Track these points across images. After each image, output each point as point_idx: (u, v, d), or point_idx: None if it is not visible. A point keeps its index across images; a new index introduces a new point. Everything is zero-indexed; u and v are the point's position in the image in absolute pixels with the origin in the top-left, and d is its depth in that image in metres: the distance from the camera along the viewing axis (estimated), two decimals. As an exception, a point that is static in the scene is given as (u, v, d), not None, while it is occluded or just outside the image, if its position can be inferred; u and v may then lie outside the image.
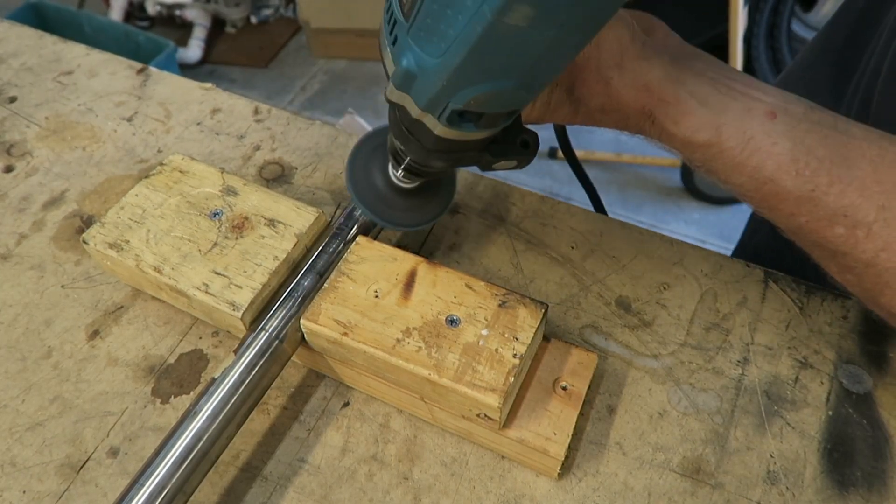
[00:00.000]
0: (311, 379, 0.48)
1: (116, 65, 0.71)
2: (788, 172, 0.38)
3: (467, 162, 0.40)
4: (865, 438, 0.45)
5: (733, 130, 0.38)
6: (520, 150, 0.39)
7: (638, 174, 2.03)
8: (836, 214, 0.38)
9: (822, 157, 0.37)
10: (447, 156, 0.39)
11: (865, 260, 0.38)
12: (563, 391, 0.43)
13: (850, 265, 0.39)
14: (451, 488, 0.43)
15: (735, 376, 0.47)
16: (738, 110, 0.39)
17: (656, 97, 0.39)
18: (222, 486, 0.43)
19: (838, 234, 0.38)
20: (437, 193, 0.49)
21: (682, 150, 0.41)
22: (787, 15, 2.08)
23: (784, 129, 0.38)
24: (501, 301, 0.43)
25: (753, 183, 0.39)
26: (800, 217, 0.39)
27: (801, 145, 0.38)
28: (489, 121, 0.34)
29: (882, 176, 0.37)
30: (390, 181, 0.47)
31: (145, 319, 0.51)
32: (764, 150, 0.38)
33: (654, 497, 0.42)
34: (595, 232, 0.56)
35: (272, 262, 0.46)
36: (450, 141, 0.36)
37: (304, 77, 2.40)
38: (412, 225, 0.48)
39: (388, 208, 0.47)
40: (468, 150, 0.38)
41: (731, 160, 0.39)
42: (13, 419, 0.46)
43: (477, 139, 0.36)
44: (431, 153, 0.39)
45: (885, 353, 0.48)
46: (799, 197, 0.38)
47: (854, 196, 0.37)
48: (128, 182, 0.60)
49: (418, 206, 0.48)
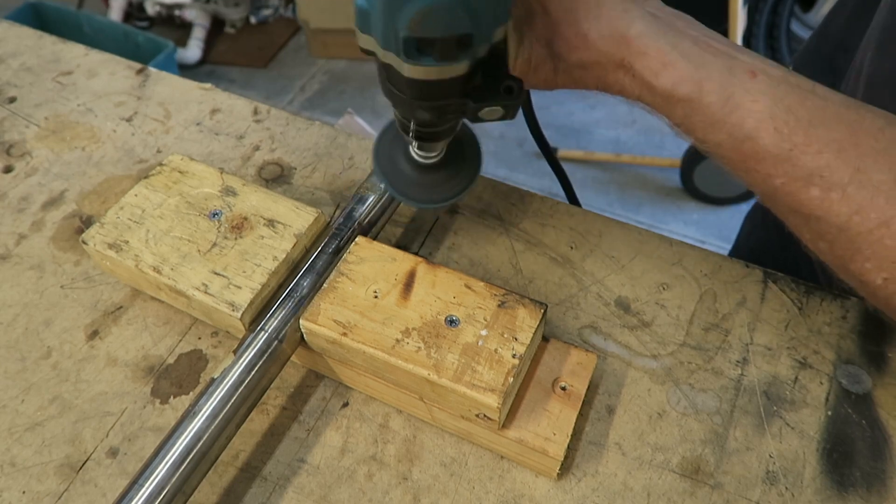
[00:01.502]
0: (310, 379, 0.48)
1: (116, 65, 0.71)
2: (767, 130, 0.38)
3: (452, 111, 0.40)
4: (864, 439, 0.45)
5: (714, 86, 0.38)
6: (503, 96, 0.39)
7: (637, 174, 2.03)
8: (812, 175, 0.38)
9: (801, 117, 0.38)
10: (428, 104, 0.39)
11: (839, 224, 0.38)
12: (562, 391, 0.43)
13: (823, 231, 0.39)
14: (451, 488, 0.43)
15: (734, 376, 0.47)
16: (719, 67, 0.39)
17: (636, 49, 0.39)
18: (222, 486, 0.43)
19: (813, 197, 0.38)
20: (465, 163, 0.49)
21: (662, 106, 0.41)
22: (787, 15, 2.08)
23: (764, 87, 0.38)
24: (501, 301, 0.43)
25: (732, 141, 0.39)
26: (776, 178, 0.39)
27: (780, 104, 0.38)
28: (444, 51, 0.34)
29: (859, 139, 0.37)
30: (414, 161, 0.47)
31: (144, 320, 0.51)
32: (744, 107, 0.38)
33: (654, 497, 0.43)
34: (594, 232, 0.56)
35: (271, 263, 0.46)
36: (420, 83, 0.37)
37: (304, 77, 2.40)
38: (442, 201, 0.49)
39: (418, 188, 0.48)
40: (446, 96, 0.38)
41: (710, 116, 0.39)
42: (12, 419, 0.46)
43: (447, 79, 0.36)
44: (413, 104, 0.39)
45: (884, 354, 0.48)
46: (777, 156, 0.38)
47: (830, 157, 0.37)
48: (127, 182, 0.60)
49: (446, 179, 0.48)
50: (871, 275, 0.39)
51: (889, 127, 0.38)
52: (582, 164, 2.05)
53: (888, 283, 0.38)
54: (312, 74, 2.41)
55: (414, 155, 0.47)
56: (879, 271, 0.38)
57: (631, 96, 0.42)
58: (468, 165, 0.49)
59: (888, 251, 0.37)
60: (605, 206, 1.94)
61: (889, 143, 0.37)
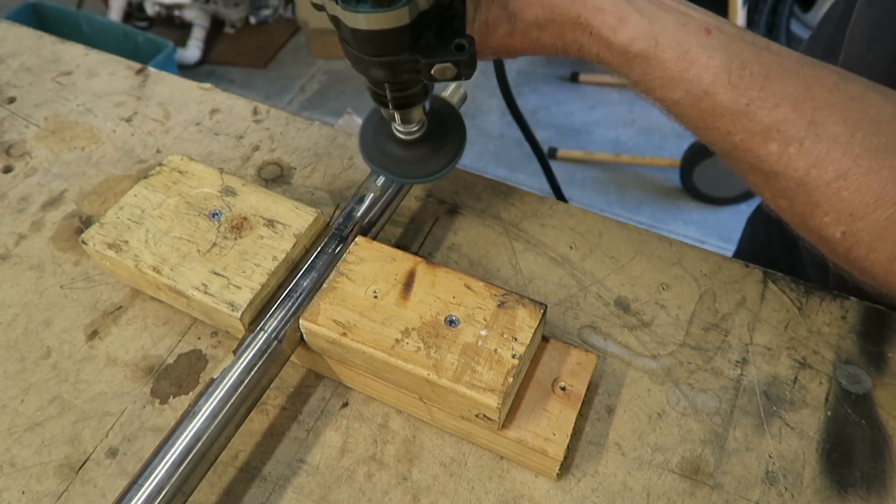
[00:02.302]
0: (309, 379, 0.48)
1: (115, 65, 0.71)
2: (724, 85, 0.38)
3: (405, 69, 0.40)
4: (864, 439, 0.45)
5: (670, 41, 0.39)
6: (454, 52, 0.39)
7: (637, 174, 2.03)
8: (769, 129, 0.38)
9: (756, 73, 0.38)
10: (378, 60, 0.39)
11: (797, 178, 0.38)
12: (561, 391, 0.43)
13: (782, 187, 0.39)
14: (450, 489, 0.43)
15: (734, 377, 0.47)
16: (673, 23, 0.39)
17: (591, 5, 0.40)
18: (221, 486, 0.43)
19: (772, 152, 0.38)
20: (450, 135, 0.50)
21: (620, 64, 0.41)
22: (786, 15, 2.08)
23: (719, 44, 0.39)
24: (500, 301, 0.43)
25: (690, 98, 0.39)
26: (735, 135, 0.39)
27: (736, 59, 0.38)
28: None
29: (815, 93, 0.38)
30: (397, 137, 0.48)
31: (144, 320, 0.51)
32: (700, 62, 0.38)
33: (653, 497, 0.43)
34: (594, 232, 0.56)
35: (271, 263, 0.46)
36: (364, 34, 0.37)
37: (303, 77, 2.40)
38: (432, 174, 0.49)
39: (403, 164, 0.49)
40: (394, 50, 0.39)
41: (668, 72, 0.39)
42: (12, 419, 0.46)
43: (389, 29, 0.37)
44: (364, 61, 0.40)
45: (883, 354, 0.48)
46: (734, 111, 0.38)
47: (787, 111, 0.37)
48: (127, 182, 0.60)
49: (433, 152, 0.49)
50: (829, 229, 0.39)
51: (843, 81, 0.38)
52: (582, 165, 2.05)
53: (846, 236, 0.38)
54: (312, 75, 2.41)
55: (396, 132, 0.48)
56: (838, 225, 0.38)
57: (589, 55, 0.42)
58: (451, 140, 0.50)
59: (845, 204, 0.37)
60: (605, 206, 1.94)
61: (844, 97, 0.38)
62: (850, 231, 0.38)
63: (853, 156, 0.37)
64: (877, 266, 0.39)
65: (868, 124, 0.37)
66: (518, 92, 2.33)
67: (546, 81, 2.30)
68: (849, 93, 0.38)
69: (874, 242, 0.38)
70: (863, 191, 0.37)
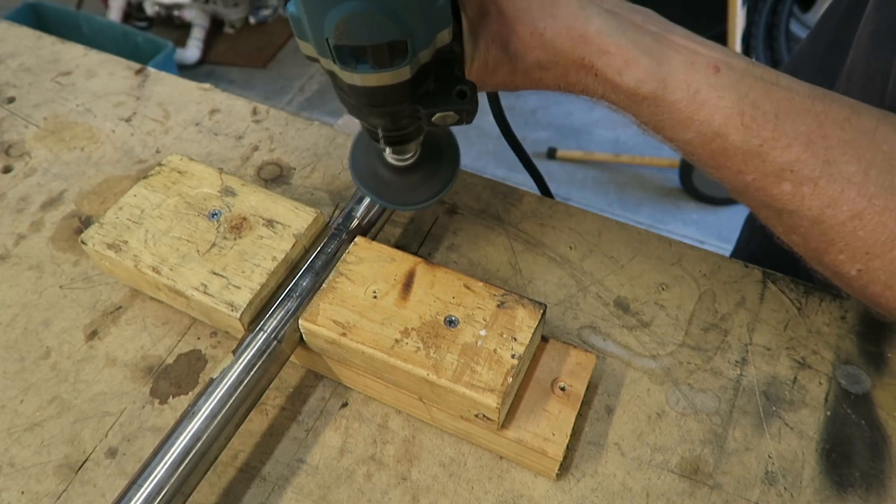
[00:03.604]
0: (309, 379, 0.48)
1: (115, 65, 0.71)
2: (736, 126, 0.38)
3: (405, 117, 0.39)
4: (864, 439, 0.45)
5: (679, 83, 0.38)
6: (455, 100, 0.38)
7: (636, 175, 2.03)
8: (782, 170, 0.38)
9: (768, 112, 0.37)
10: (378, 110, 0.38)
11: (812, 217, 0.38)
12: (561, 392, 0.43)
13: (796, 224, 0.39)
14: (450, 489, 0.43)
15: (733, 377, 0.47)
16: (681, 63, 0.38)
17: (596, 47, 0.38)
18: (221, 486, 0.43)
19: (785, 191, 0.38)
20: (443, 162, 0.48)
21: (628, 105, 0.40)
22: (786, 15, 2.08)
23: (728, 82, 0.38)
24: (500, 301, 0.43)
25: (701, 139, 0.39)
26: (747, 174, 0.39)
27: (746, 99, 0.37)
28: (377, 58, 0.33)
29: (827, 131, 0.37)
30: (389, 163, 0.46)
31: (143, 320, 0.51)
32: (710, 103, 0.38)
33: (653, 497, 0.43)
34: (593, 232, 0.56)
35: (270, 263, 0.46)
36: (363, 89, 0.36)
37: (303, 77, 2.40)
38: (421, 202, 0.48)
39: (396, 191, 0.47)
40: (394, 102, 0.37)
41: (678, 114, 0.38)
42: (11, 420, 0.46)
43: (390, 85, 0.36)
44: (363, 109, 0.38)
45: (883, 354, 0.48)
46: (746, 152, 0.38)
47: (800, 151, 0.37)
48: (126, 182, 0.60)
49: (424, 180, 0.48)
50: (845, 266, 0.39)
51: (854, 116, 0.38)
52: (581, 165, 2.05)
53: (862, 273, 0.38)
54: (311, 75, 2.41)
55: (388, 158, 0.46)
56: (853, 263, 0.38)
57: (594, 96, 0.41)
58: (445, 165, 0.48)
59: (861, 243, 0.37)
60: (605, 207, 1.94)
61: (856, 133, 0.37)
62: (865, 269, 0.38)
63: (868, 195, 0.36)
64: (893, 302, 0.39)
65: (882, 161, 0.37)
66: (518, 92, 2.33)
67: (545, 81, 2.30)
68: (861, 128, 0.37)
69: (890, 280, 0.38)
70: (879, 230, 0.37)
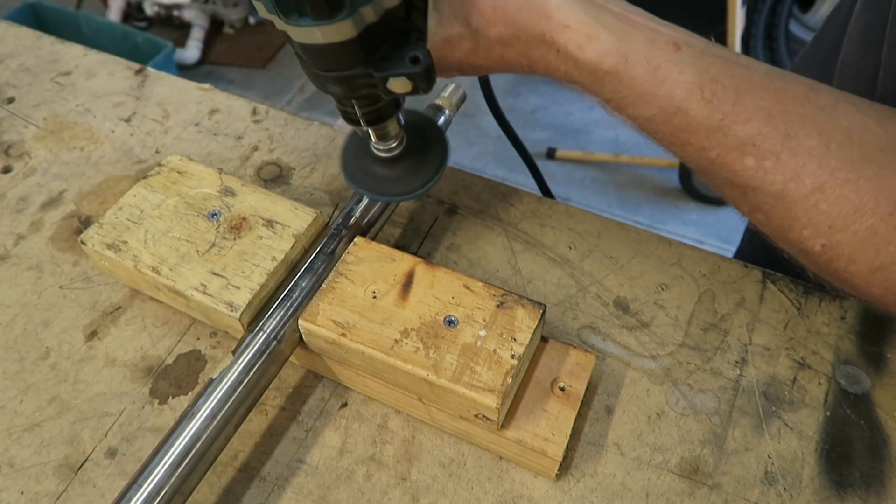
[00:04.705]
0: (309, 379, 0.48)
1: (114, 65, 0.71)
2: (697, 101, 0.38)
3: (360, 84, 0.40)
4: (863, 439, 0.45)
5: (639, 58, 0.38)
6: (408, 65, 0.38)
7: (636, 175, 2.03)
8: (744, 144, 0.38)
9: (728, 87, 0.38)
10: (332, 75, 0.39)
11: (775, 192, 0.38)
12: (561, 392, 0.43)
13: (760, 201, 0.39)
14: (449, 489, 0.43)
15: (733, 377, 0.48)
16: (642, 39, 0.39)
17: (557, 22, 0.39)
18: (220, 486, 0.43)
19: (748, 166, 0.38)
20: (432, 148, 0.49)
21: (590, 82, 0.40)
22: (785, 15, 2.08)
23: (689, 59, 0.38)
24: (499, 302, 0.43)
25: (663, 115, 0.39)
26: (710, 151, 0.39)
27: (706, 74, 0.38)
28: (316, 9, 0.34)
29: (787, 106, 0.37)
30: (376, 156, 0.47)
31: (143, 320, 0.51)
32: (672, 78, 0.38)
33: (652, 498, 0.43)
34: (593, 232, 0.56)
35: (270, 263, 0.46)
36: (311, 48, 0.37)
37: (302, 77, 2.39)
38: (415, 189, 0.48)
39: (386, 183, 0.48)
40: (347, 65, 0.38)
41: (639, 89, 0.39)
42: (11, 420, 0.46)
43: (336, 43, 0.36)
44: (320, 77, 0.39)
45: (882, 354, 0.48)
46: (708, 127, 0.38)
47: (761, 125, 0.37)
48: (126, 183, 0.60)
49: (413, 169, 0.48)
50: (809, 242, 0.39)
51: (813, 93, 0.38)
52: (581, 165, 2.05)
53: (826, 249, 0.38)
54: (311, 75, 2.41)
55: (375, 150, 0.47)
56: (817, 238, 0.38)
57: (557, 74, 0.41)
58: (433, 155, 0.49)
59: (824, 216, 0.37)
60: (604, 207, 1.94)
61: (815, 109, 0.38)
62: (829, 244, 0.38)
63: (829, 168, 0.37)
64: (857, 277, 0.39)
65: (841, 135, 0.37)
66: (517, 92, 2.34)
67: (545, 81, 2.29)
68: (819, 104, 0.38)
69: (854, 254, 0.38)
70: (841, 203, 0.37)
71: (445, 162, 0.49)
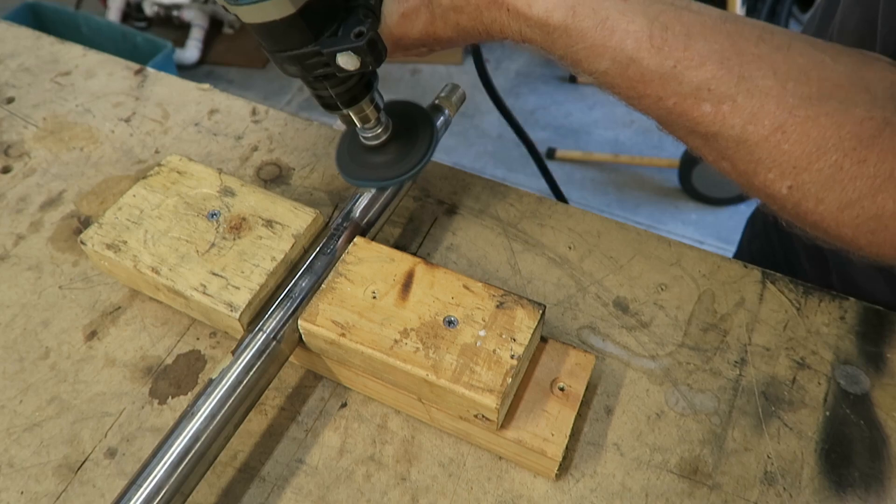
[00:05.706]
0: (308, 380, 0.48)
1: (114, 65, 0.70)
2: (647, 49, 0.38)
3: (312, 62, 0.41)
4: (863, 439, 0.45)
5: (587, 10, 0.38)
6: (352, 40, 0.39)
7: (635, 175, 2.03)
8: (699, 89, 0.38)
9: (678, 33, 0.38)
10: (285, 55, 0.40)
11: (735, 136, 0.38)
12: (560, 392, 0.43)
13: (722, 147, 0.39)
14: (449, 489, 0.43)
15: (732, 377, 0.48)
16: None
17: None
18: (220, 486, 0.43)
19: (706, 112, 0.38)
20: (420, 130, 0.51)
21: (543, 40, 0.40)
22: (785, 16, 2.08)
23: (637, 8, 0.38)
24: (499, 302, 0.43)
25: (617, 67, 0.39)
26: (667, 99, 0.39)
27: (656, 22, 0.38)
28: None
29: (740, 48, 0.37)
30: (365, 144, 0.49)
31: (143, 320, 0.51)
32: (621, 28, 0.38)
33: (652, 498, 0.43)
34: (593, 233, 0.56)
35: (270, 263, 0.46)
36: (260, 28, 0.38)
37: (302, 78, 2.39)
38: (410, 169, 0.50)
39: (376, 169, 0.50)
40: (297, 44, 0.39)
41: (590, 42, 0.39)
42: (11, 420, 0.46)
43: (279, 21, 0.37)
44: (276, 57, 0.41)
45: (882, 354, 0.48)
46: (662, 75, 0.38)
47: (714, 68, 0.37)
48: (125, 183, 0.60)
49: (405, 149, 0.50)
50: (775, 185, 0.38)
51: (767, 34, 0.38)
52: (580, 165, 2.05)
53: (793, 190, 0.38)
54: (311, 75, 2.41)
55: (363, 140, 0.49)
56: (783, 179, 0.38)
57: (511, 35, 0.42)
58: (422, 134, 0.51)
59: (787, 156, 0.37)
60: (604, 207, 1.94)
61: (770, 49, 0.37)
62: (795, 184, 0.38)
63: (788, 107, 0.36)
64: (827, 218, 0.38)
65: (798, 74, 0.37)
66: (517, 93, 2.34)
67: (545, 82, 2.30)
68: (774, 44, 0.38)
69: (821, 193, 0.37)
70: (803, 141, 0.36)
71: (434, 143, 0.51)
